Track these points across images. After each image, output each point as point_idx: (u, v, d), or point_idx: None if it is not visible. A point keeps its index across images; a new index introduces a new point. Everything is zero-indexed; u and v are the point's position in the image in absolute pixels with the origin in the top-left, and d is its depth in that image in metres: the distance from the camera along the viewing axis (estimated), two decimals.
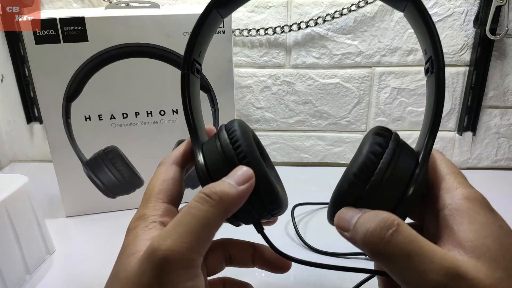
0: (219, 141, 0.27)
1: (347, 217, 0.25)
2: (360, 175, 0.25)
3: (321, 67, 0.63)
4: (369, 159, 0.25)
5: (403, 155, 0.25)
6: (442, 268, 0.21)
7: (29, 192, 0.42)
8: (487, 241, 0.22)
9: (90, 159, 0.51)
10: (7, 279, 0.39)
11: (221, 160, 0.27)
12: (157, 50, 0.48)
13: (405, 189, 0.25)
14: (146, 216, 0.25)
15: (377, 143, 0.25)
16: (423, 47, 0.28)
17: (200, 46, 0.30)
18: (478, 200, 0.24)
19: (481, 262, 0.21)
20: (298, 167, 0.69)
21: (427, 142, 0.26)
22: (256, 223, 0.28)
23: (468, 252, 0.21)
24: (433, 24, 0.26)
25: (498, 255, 0.21)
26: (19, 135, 0.70)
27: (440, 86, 0.26)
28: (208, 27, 0.30)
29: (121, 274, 0.23)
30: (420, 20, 0.26)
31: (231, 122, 0.29)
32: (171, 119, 0.52)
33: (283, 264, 0.31)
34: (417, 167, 0.25)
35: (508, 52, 0.60)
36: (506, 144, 0.66)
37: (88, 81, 0.48)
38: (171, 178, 0.28)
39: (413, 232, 0.22)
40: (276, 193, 0.27)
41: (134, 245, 0.24)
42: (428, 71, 0.27)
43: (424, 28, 0.26)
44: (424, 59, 0.28)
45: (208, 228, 0.23)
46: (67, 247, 0.48)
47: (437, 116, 0.26)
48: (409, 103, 0.64)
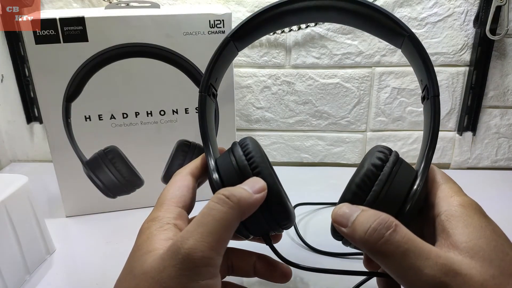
0: (233, 154, 0.29)
1: (345, 213, 0.26)
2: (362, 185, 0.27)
3: (321, 67, 0.63)
4: (371, 171, 0.27)
5: (403, 170, 0.28)
6: (437, 264, 0.22)
7: (29, 192, 0.42)
8: (481, 242, 0.23)
9: (90, 159, 0.51)
10: (7, 279, 0.39)
11: (235, 172, 0.28)
12: (157, 50, 0.48)
13: (402, 204, 0.26)
14: (159, 218, 0.26)
15: (377, 158, 0.28)
16: (419, 78, 0.31)
17: (216, 74, 0.33)
18: (472, 206, 0.26)
19: (475, 260, 0.22)
20: (298, 167, 0.69)
21: (426, 157, 0.28)
22: (265, 235, 0.30)
23: (463, 253, 0.23)
24: (428, 56, 0.29)
25: (491, 254, 0.23)
26: (19, 135, 0.70)
27: (435, 111, 0.28)
28: (224, 58, 0.33)
29: (137, 271, 0.24)
30: (416, 54, 0.29)
31: (244, 139, 0.31)
32: (171, 119, 0.52)
33: (284, 273, 0.32)
34: (416, 181, 0.27)
35: (508, 52, 0.60)
36: (506, 144, 0.66)
37: (88, 81, 0.48)
38: (185, 185, 0.29)
39: (410, 233, 0.24)
40: (287, 206, 0.29)
41: (150, 244, 0.25)
42: (424, 98, 0.30)
43: (420, 61, 0.29)
44: (421, 88, 0.31)
45: (227, 228, 0.24)
46: (67, 247, 0.48)
47: (433, 137, 0.28)
48: (409, 103, 0.64)
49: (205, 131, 0.31)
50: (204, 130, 0.31)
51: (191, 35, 0.48)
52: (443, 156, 0.67)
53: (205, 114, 0.32)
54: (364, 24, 0.31)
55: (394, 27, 0.30)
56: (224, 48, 0.32)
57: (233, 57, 0.35)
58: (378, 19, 0.30)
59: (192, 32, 0.48)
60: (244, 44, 0.33)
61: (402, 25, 0.29)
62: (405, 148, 0.67)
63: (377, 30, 0.31)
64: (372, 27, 0.31)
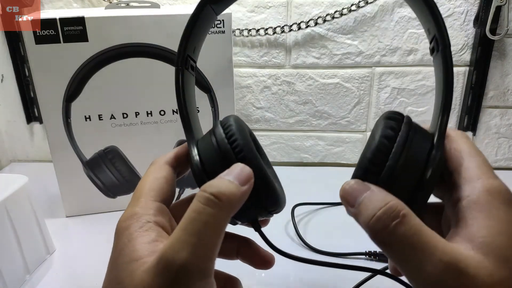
0: (214, 136, 0.27)
1: (354, 191, 0.24)
2: (374, 160, 0.24)
3: (321, 67, 0.63)
4: (382, 144, 0.24)
5: (417, 137, 0.24)
6: (441, 261, 0.20)
7: (29, 192, 0.42)
8: (500, 238, 0.21)
9: (90, 159, 0.51)
10: (7, 279, 0.39)
11: (217, 156, 0.26)
12: (157, 50, 0.48)
13: (421, 173, 0.23)
14: (138, 215, 0.24)
15: (389, 127, 0.25)
16: (426, 27, 0.28)
17: (194, 43, 0.29)
18: (500, 194, 0.22)
19: (488, 259, 0.20)
20: (298, 167, 0.69)
21: (441, 120, 0.25)
22: (253, 222, 0.28)
23: (477, 248, 0.21)
24: (435, 3, 0.25)
25: (508, 253, 0.20)
26: (19, 135, 0.70)
27: (447, 63, 0.25)
28: (202, 24, 0.29)
29: (127, 283, 0.22)
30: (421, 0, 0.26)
31: (226, 118, 0.28)
32: (171, 119, 0.52)
33: (266, 260, 0.30)
34: (433, 149, 0.24)
35: (508, 52, 0.60)
36: (506, 144, 0.66)
37: (88, 81, 0.48)
38: (163, 177, 0.27)
39: (418, 224, 0.21)
40: (275, 191, 0.27)
41: (133, 250, 0.22)
42: (433, 50, 0.27)
43: (425, 7, 0.26)
44: (428, 39, 0.28)
45: (220, 233, 0.22)
46: (67, 247, 0.48)
47: (449, 93, 0.25)
48: (409, 103, 0.64)
49: (184, 110, 0.28)
50: (182, 110, 0.28)
51: None
52: None
53: (183, 90, 0.28)
54: None
55: None
56: (200, 12, 0.28)
57: (211, 23, 0.31)
58: None
59: None
60: (222, 6, 0.30)
61: None
62: None
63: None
64: None
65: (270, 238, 0.29)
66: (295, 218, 0.51)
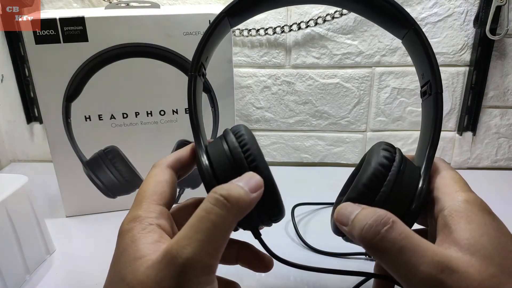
0: (226, 143, 0.27)
1: (346, 212, 0.26)
2: (370, 185, 0.26)
3: (321, 67, 0.63)
4: (379, 171, 0.26)
5: (408, 169, 0.27)
6: (433, 261, 0.22)
7: (29, 192, 0.42)
8: (483, 239, 0.22)
9: (90, 159, 0.51)
10: (7, 279, 0.39)
11: (229, 163, 0.27)
12: (157, 50, 0.48)
13: (410, 201, 0.26)
14: (141, 218, 0.25)
15: (384, 156, 0.27)
16: (420, 72, 0.30)
17: (208, 51, 0.31)
18: (477, 203, 0.25)
19: (475, 258, 0.22)
20: (298, 167, 0.69)
21: (428, 155, 0.28)
22: (254, 229, 0.29)
23: (464, 250, 0.22)
24: (433, 51, 0.28)
25: (493, 252, 0.22)
26: (19, 135, 0.70)
27: (438, 108, 0.28)
28: (218, 34, 0.31)
29: (129, 279, 0.22)
30: (420, 47, 0.28)
31: (237, 126, 0.29)
32: (171, 119, 0.52)
33: (265, 264, 0.31)
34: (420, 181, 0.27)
35: (508, 52, 0.60)
36: (506, 144, 0.66)
37: (88, 81, 0.48)
38: (165, 180, 0.28)
39: (407, 230, 0.23)
40: (280, 202, 0.28)
41: (136, 249, 0.23)
42: (425, 93, 0.29)
43: (423, 55, 0.28)
44: (420, 83, 0.30)
45: (226, 234, 0.23)
46: (67, 247, 0.48)
47: (436, 134, 0.28)
48: (409, 103, 0.64)
49: (195, 115, 0.29)
50: (193, 113, 0.29)
51: (191, 35, 0.48)
52: (443, 156, 0.67)
53: (195, 96, 0.29)
54: (367, 10, 0.30)
55: (399, 17, 0.29)
56: (218, 24, 0.30)
57: (225, 35, 0.32)
58: (383, 6, 0.29)
59: (192, 32, 0.48)
60: (239, 20, 0.31)
61: (408, 17, 0.28)
62: (405, 148, 0.67)
63: (379, 18, 0.30)
64: (375, 14, 0.30)
65: (270, 238, 0.29)
66: (295, 218, 0.51)
